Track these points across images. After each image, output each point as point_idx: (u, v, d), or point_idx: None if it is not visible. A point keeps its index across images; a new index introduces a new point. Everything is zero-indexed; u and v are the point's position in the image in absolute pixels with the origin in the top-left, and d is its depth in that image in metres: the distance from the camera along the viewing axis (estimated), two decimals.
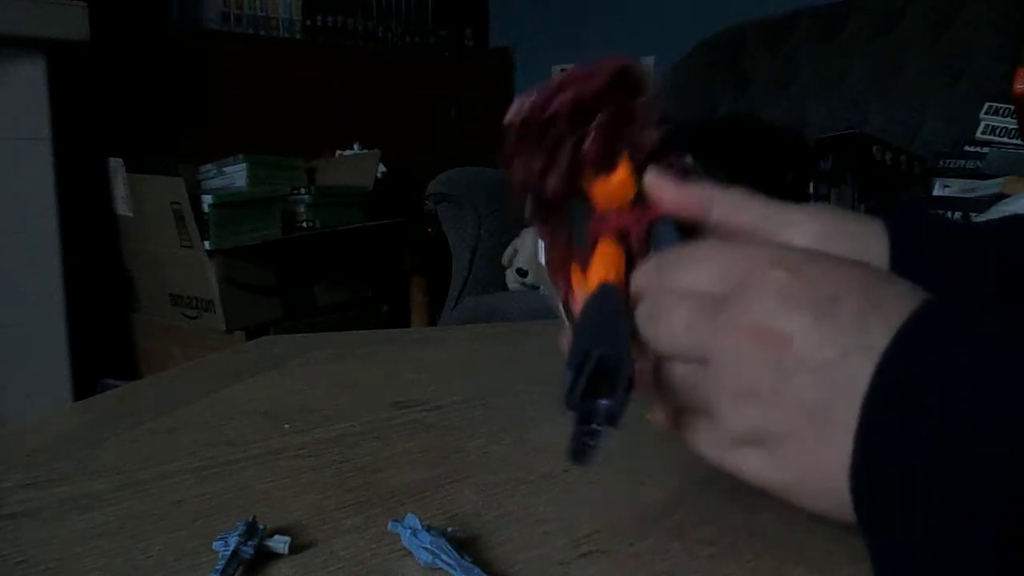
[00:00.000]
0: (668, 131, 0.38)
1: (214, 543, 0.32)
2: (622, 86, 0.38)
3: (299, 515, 0.36)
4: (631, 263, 0.35)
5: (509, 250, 1.86)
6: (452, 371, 0.65)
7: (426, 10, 3.01)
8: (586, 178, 0.38)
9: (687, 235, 0.37)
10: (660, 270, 0.33)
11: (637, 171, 0.38)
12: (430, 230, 2.27)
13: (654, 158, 0.38)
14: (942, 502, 0.23)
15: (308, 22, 2.70)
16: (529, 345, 0.72)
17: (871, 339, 0.26)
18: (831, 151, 1.58)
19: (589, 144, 0.38)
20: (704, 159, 0.38)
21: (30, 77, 1.80)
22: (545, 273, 0.40)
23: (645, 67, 0.39)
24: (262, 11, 2.61)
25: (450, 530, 0.33)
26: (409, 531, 0.32)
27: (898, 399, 0.24)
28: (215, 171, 2.18)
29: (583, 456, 0.29)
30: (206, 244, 1.96)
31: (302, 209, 2.19)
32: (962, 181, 1.53)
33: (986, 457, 0.22)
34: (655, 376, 0.33)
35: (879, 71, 1.86)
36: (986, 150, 1.54)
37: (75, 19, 1.77)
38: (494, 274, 1.89)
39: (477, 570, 0.30)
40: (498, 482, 0.40)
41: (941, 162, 1.60)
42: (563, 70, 0.39)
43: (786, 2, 2.07)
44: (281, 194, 2.13)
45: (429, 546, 0.31)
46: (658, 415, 0.35)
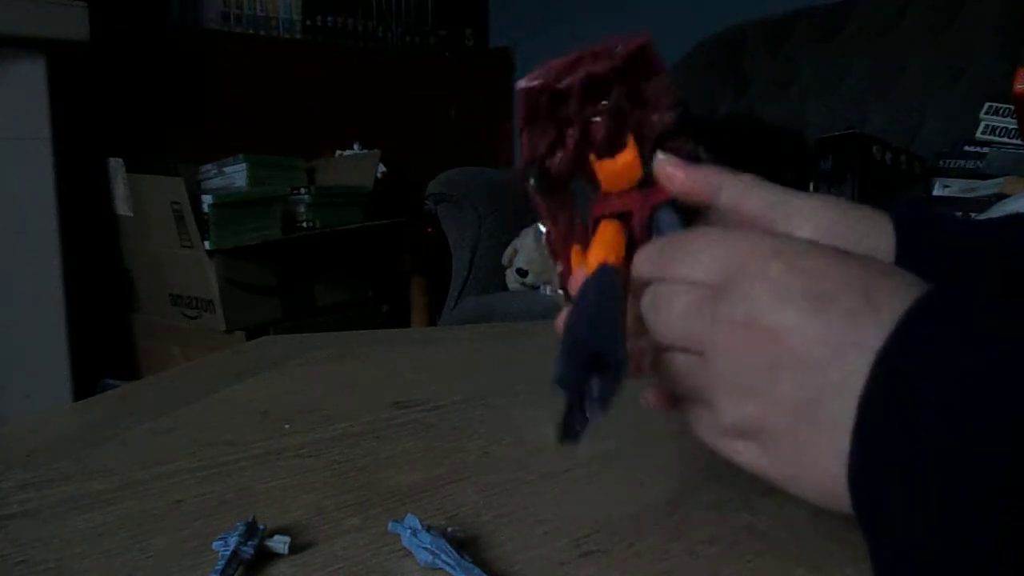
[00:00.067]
0: (679, 116, 0.38)
1: (214, 543, 0.32)
2: (637, 66, 0.37)
3: (299, 515, 0.36)
4: (632, 246, 0.35)
5: (509, 250, 1.86)
6: (452, 371, 0.65)
7: (426, 10, 3.01)
8: (593, 158, 0.38)
9: (690, 221, 0.37)
10: (661, 256, 0.33)
11: (644, 154, 0.37)
12: (430, 230, 2.27)
13: (662, 142, 0.38)
14: (942, 500, 0.23)
15: (308, 22, 2.70)
16: (529, 345, 0.72)
17: (865, 336, 0.26)
18: (831, 151, 1.58)
19: (598, 125, 0.37)
20: (714, 160, 0.38)
21: (30, 77, 1.80)
22: (544, 246, 0.39)
23: (654, 44, 0.38)
24: (262, 11, 2.61)
25: (450, 530, 0.33)
26: (409, 531, 0.32)
27: (896, 397, 0.24)
28: (215, 171, 2.18)
29: (572, 437, 0.28)
30: (206, 244, 1.95)
31: (302, 209, 2.18)
32: (962, 181, 1.53)
33: (985, 456, 0.22)
34: (655, 361, 0.33)
35: (879, 71, 1.86)
36: (986, 150, 1.54)
37: (75, 19, 1.77)
38: (494, 274, 1.89)
39: (477, 570, 0.30)
40: (498, 482, 0.40)
41: (941, 162, 1.60)
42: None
43: (786, 2, 2.07)
44: (281, 194, 2.13)
45: (429, 546, 0.31)
46: (651, 398, 0.35)
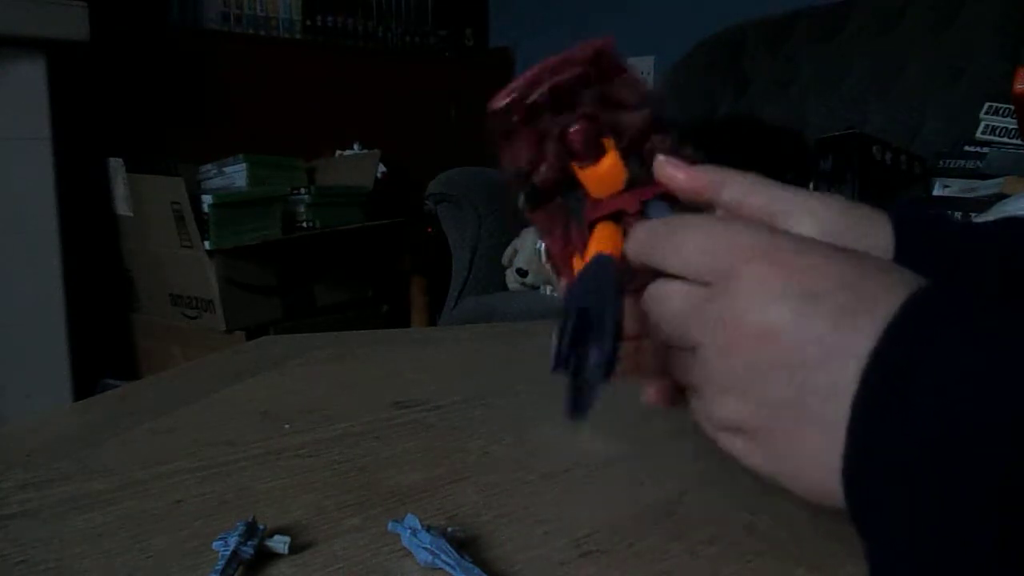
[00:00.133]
0: (653, 112, 0.38)
1: (214, 543, 0.32)
2: (601, 70, 0.38)
3: (299, 515, 0.36)
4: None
5: (509, 250, 1.86)
6: (452, 371, 0.65)
7: (426, 10, 3.01)
8: (576, 167, 0.38)
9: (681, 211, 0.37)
10: (649, 241, 0.33)
11: (625, 155, 0.38)
12: (430, 230, 2.27)
13: (642, 141, 0.38)
14: (941, 500, 0.22)
15: (308, 22, 2.70)
16: (529, 345, 0.72)
17: (852, 338, 0.26)
18: (831, 151, 1.57)
19: (573, 134, 0.38)
20: (705, 159, 0.38)
21: (30, 77, 1.80)
22: (547, 265, 0.40)
23: (614, 43, 0.38)
24: (262, 11, 2.61)
25: (450, 530, 0.33)
26: (409, 531, 0.32)
27: (893, 395, 0.24)
28: (215, 171, 2.18)
29: (579, 410, 0.28)
30: (206, 244, 1.95)
31: (302, 209, 2.18)
32: (962, 181, 1.53)
33: (986, 455, 0.22)
34: (656, 353, 0.33)
35: (879, 71, 1.86)
36: (986, 150, 1.54)
37: (75, 19, 1.77)
38: (494, 274, 1.89)
39: (477, 570, 0.30)
40: (498, 482, 0.40)
41: (941, 162, 1.60)
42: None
43: (786, 2, 2.07)
44: (281, 194, 2.13)
45: (429, 546, 0.31)
46: (653, 394, 0.35)
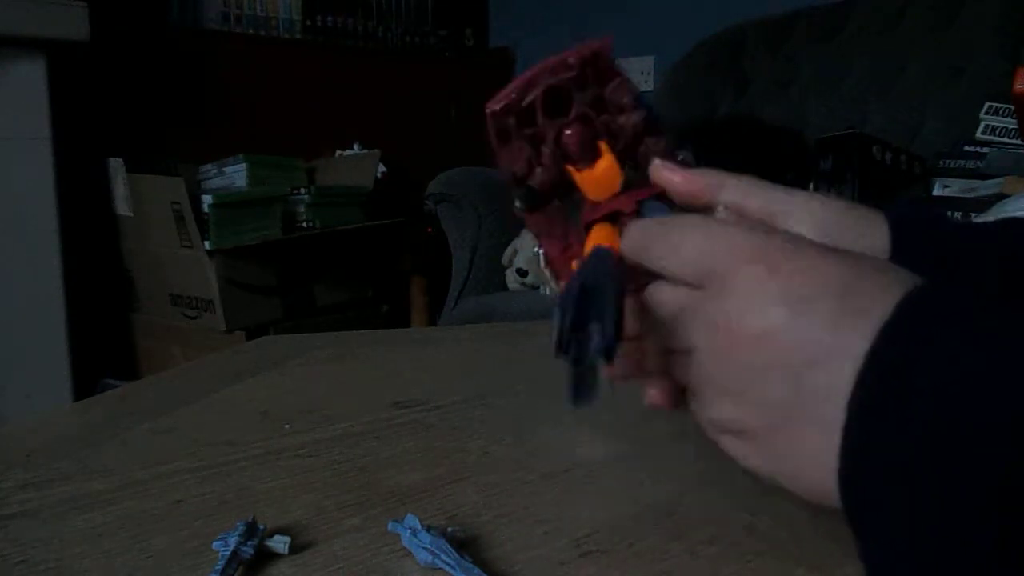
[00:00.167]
0: (646, 115, 0.38)
1: (214, 543, 0.32)
2: (595, 73, 0.38)
3: (299, 515, 0.36)
4: None
5: (509, 250, 1.86)
6: (452, 371, 0.65)
7: (426, 10, 3.01)
8: (572, 170, 0.38)
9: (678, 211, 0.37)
10: (645, 240, 0.33)
11: (620, 158, 0.38)
12: (430, 230, 2.27)
13: (637, 143, 0.38)
14: (941, 500, 0.22)
15: (308, 22, 2.69)
16: (529, 345, 0.72)
17: (848, 338, 0.26)
18: (831, 151, 1.58)
19: (568, 136, 0.38)
20: (705, 159, 0.38)
21: (30, 77, 1.80)
22: (545, 269, 0.40)
23: (611, 47, 0.38)
24: (262, 11, 2.61)
25: (450, 530, 0.33)
26: (409, 531, 0.32)
27: (890, 396, 0.24)
28: (215, 171, 2.18)
29: (583, 396, 0.27)
30: (206, 244, 1.95)
31: (302, 209, 2.18)
32: (962, 181, 1.53)
33: (986, 455, 0.22)
34: (657, 353, 0.33)
35: (879, 71, 1.86)
36: (986, 150, 1.54)
37: (75, 19, 1.77)
38: (494, 274, 1.89)
39: (477, 570, 0.30)
40: (498, 482, 0.40)
41: (941, 162, 1.60)
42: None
43: (786, 2, 2.07)
44: (281, 194, 2.13)
45: (429, 546, 0.31)
46: (654, 395, 0.35)
